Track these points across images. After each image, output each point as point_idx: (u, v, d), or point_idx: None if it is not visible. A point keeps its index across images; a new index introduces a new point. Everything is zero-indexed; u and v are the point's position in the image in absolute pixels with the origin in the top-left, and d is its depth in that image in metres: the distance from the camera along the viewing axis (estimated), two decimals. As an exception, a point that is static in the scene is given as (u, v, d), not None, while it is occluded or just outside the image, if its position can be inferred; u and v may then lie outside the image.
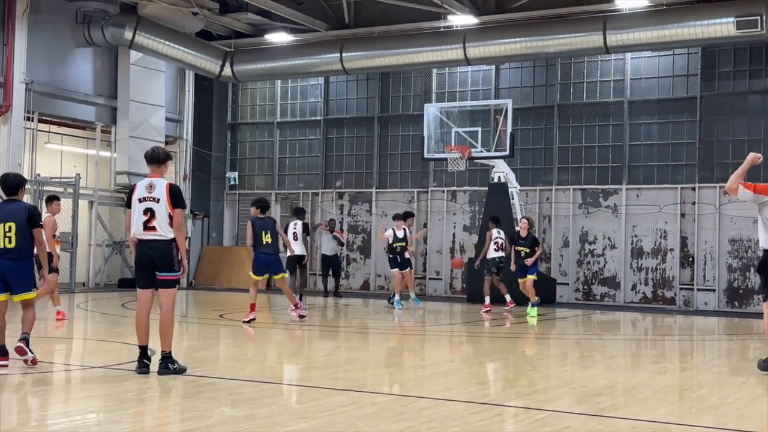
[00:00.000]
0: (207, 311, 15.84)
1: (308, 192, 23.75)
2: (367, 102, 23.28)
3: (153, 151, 7.74)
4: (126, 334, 11.42)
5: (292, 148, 24.27)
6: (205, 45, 22.21)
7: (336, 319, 15.48)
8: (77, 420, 5.84)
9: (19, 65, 19.08)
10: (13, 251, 7.71)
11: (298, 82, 24.03)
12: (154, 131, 22.19)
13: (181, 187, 23.57)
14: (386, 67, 21.24)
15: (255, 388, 7.00)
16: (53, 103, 20.29)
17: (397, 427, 5.47)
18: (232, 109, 25.11)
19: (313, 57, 21.67)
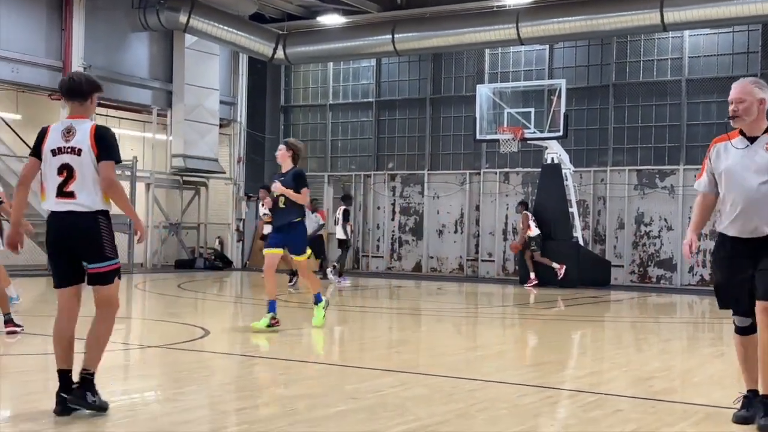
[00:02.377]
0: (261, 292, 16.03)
1: (360, 174, 23.83)
2: (419, 83, 23.21)
3: (71, 80, 5.33)
4: (182, 315, 11.64)
5: (345, 130, 24.34)
6: (258, 28, 22.36)
7: (387, 300, 15.54)
8: (135, 397, 5.98)
9: (77, 50, 19.46)
10: None
11: (350, 64, 24.06)
12: (209, 114, 22.46)
13: (236, 169, 23.96)
14: (438, 48, 21.14)
15: (306, 369, 7.08)
16: (110, 88, 20.63)
17: (446, 408, 5.50)
18: (285, 92, 25.26)
19: (365, 39, 21.68)
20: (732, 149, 5.19)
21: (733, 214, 5.11)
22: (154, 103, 21.77)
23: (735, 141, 5.16)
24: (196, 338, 8.72)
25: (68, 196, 5.17)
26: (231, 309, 13.55)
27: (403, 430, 4.85)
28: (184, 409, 5.44)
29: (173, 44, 21.98)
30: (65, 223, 5.20)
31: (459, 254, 22.42)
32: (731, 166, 5.15)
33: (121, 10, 20.75)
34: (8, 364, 7.11)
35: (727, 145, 5.23)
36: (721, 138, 5.32)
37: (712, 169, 5.30)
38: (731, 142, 5.20)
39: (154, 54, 21.76)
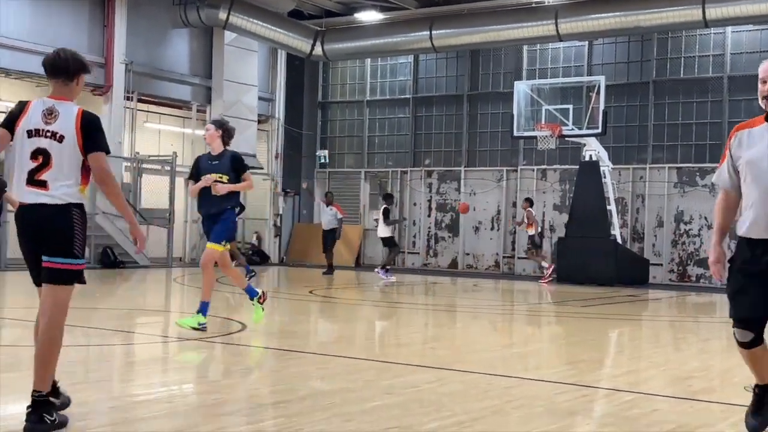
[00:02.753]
0: (298, 287, 16.14)
1: (397, 170, 23.83)
2: (456, 80, 23.14)
3: (57, 56, 4.71)
4: (219, 309, 11.74)
5: (382, 126, 24.36)
6: (296, 24, 22.46)
7: (423, 296, 15.53)
8: (174, 389, 6.05)
9: (119, 46, 19.71)
10: None
11: (388, 61, 24.06)
12: (247, 110, 22.62)
13: (273, 165, 24.09)
14: (476, 44, 21.06)
15: (343, 363, 7.11)
16: (151, 83, 20.90)
17: (481, 404, 5.49)
18: (323, 88, 25.33)
19: (403, 35, 21.66)
20: (758, 137, 4.44)
21: (757, 214, 4.38)
22: (193, 99, 21.97)
23: (762, 127, 4.45)
24: (234, 332, 8.80)
25: (39, 186, 4.55)
26: (267, 304, 13.63)
27: (438, 425, 4.85)
28: (221, 401, 5.50)
29: (213, 41, 22.16)
30: (35, 216, 4.57)
31: (495, 251, 22.33)
32: (756, 156, 4.39)
33: (162, 6, 20.97)
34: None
35: (751, 132, 4.48)
36: (745, 124, 4.57)
37: (733, 161, 4.54)
38: (757, 128, 4.48)
39: (194, 50, 21.96)
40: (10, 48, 17.84)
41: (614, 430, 4.97)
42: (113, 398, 5.57)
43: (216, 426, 4.72)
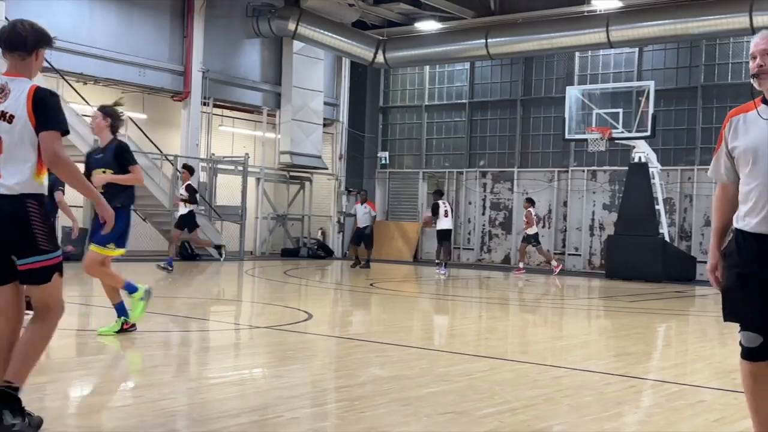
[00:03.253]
0: (359, 280, 16.21)
1: (453, 171, 23.76)
2: (510, 85, 22.97)
3: (13, 28, 4.04)
4: (287, 299, 11.88)
5: (439, 129, 24.31)
6: (359, 34, 22.56)
7: (477, 290, 15.47)
8: (245, 373, 6.15)
9: (197, 55, 20.07)
10: None
11: (445, 68, 24.00)
12: (314, 114, 22.81)
13: (337, 165, 24.26)
14: (530, 51, 20.86)
15: (401, 352, 7.13)
16: (226, 90, 21.22)
17: (532, 393, 5.45)
18: (384, 94, 25.39)
19: (460, 43, 21.59)
20: (755, 121, 3.71)
21: (757, 208, 3.65)
22: (264, 104, 22.24)
23: (760, 110, 3.69)
24: (300, 321, 8.89)
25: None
26: (331, 295, 13.74)
27: (491, 411, 4.83)
28: (288, 385, 5.56)
29: (282, 50, 22.40)
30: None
31: (546, 248, 22.08)
32: (754, 143, 3.67)
33: (237, 18, 21.28)
34: (133, 340, 7.41)
35: (747, 116, 3.75)
36: (738, 110, 3.84)
37: (728, 150, 3.82)
38: (752, 113, 3.73)
39: (265, 59, 22.22)
40: (99, 57, 18.30)
41: (660, 420, 4.89)
42: (190, 380, 5.68)
43: (284, 407, 4.79)
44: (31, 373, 3.98)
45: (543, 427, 4.59)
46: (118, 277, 7.29)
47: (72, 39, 17.74)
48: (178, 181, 15.77)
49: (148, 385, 5.33)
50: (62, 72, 17.21)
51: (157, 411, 4.58)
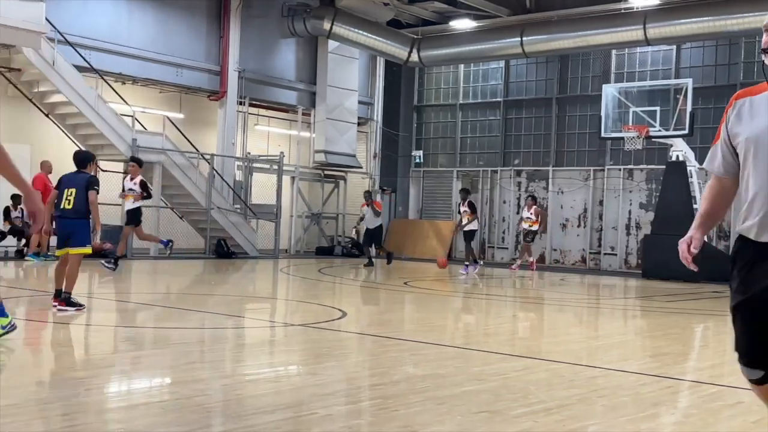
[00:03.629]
0: (393, 279, 16.22)
1: (487, 170, 23.66)
2: (545, 83, 22.80)
3: None
4: (322, 297, 11.92)
5: (473, 128, 24.22)
6: (394, 33, 22.56)
7: (511, 289, 15.39)
8: (280, 370, 6.18)
9: (233, 56, 20.23)
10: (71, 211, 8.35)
11: (480, 66, 23.90)
12: (348, 113, 22.86)
13: (372, 164, 24.30)
14: (565, 49, 20.69)
15: (435, 350, 7.11)
16: (261, 89, 21.36)
17: (567, 393, 5.41)
18: (418, 92, 25.36)
19: (495, 41, 21.49)
20: (761, 106, 3.13)
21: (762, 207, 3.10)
22: (299, 103, 22.34)
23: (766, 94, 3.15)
24: (334, 319, 8.91)
25: None
26: (365, 293, 13.77)
27: (525, 411, 4.80)
28: (323, 382, 5.58)
29: (317, 49, 22.48)
30: None
31: (582, 247, 21.92)
32: (761, 132, 3.10)
33: (272, 18, 21.40)
34: (170, 336, 7.49)
35: (753, 100, 3.17)
36: (745, 91, 3.25)
37: (730, 139, 3.25)
38: (760, 96, 3.17)
39: (300, 58, 22.32)
40: (137, 57, 18.52)
41: (697, 421, 4.83)
42: (226, 376, 5.73)
43: (318, 405, 4.80)
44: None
45: (578, 427, 4.55)
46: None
47: (111, 39, 17.98)
48: (127, 176, 14.52)
49: (184, 381, 5.38)
50: (101, 72, 17.45)
51: (193, 407, 4.62)
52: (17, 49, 15.65)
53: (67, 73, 16.36)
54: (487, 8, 21.30)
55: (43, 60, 15.93)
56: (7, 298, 9.75)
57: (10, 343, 6.88)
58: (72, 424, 4.19)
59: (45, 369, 5.94)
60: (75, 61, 16.72)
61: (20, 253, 15.81)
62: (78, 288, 8.79)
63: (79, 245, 8.37)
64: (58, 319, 8.19)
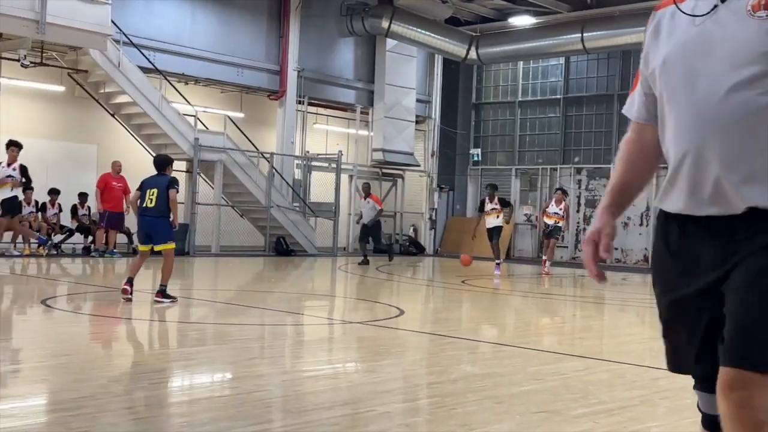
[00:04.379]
0: (451, 277, 16.17)
1: (546, 167, 23.40)
2: (607, 80, 22.44)
3: None
4: (380, 295, 11.96)
5: (532, 125, 23.97)
6: (452, 31, 22.48)
7: (571, 288, 15.19)
8: (338, 367, 6.22)
9: (293, 55, 20.41)
10: (153, 210, 8.83)
11: (539, 63, 23.64)
12: (406, 112, 22.86)
13: (429, 162, 24.28)
14: (628, 45, 20.30)
15: (493, 349, 7.07)
16: (320, 88, 21.51)
17: (629, 394, 5.31)
18: (477, 90, 25.21)
19: (555, 38, 21.23)
20: (681, 18, 2.18)
21: (678, 158, 2.17)
22: (357, 102, 22.43)
23: (688, 2, 2.17)
24: (392, 317, 8.93)
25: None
26: (423, 291, 13.76)
27: (585, 412, 4.73)
28: (380, 380, 5.59)
29: (375, 48, 22.54)
30: None
31: (644, 246, 21.50)
32: (676, 50, 2.18)
33: (331, 18, 21.53)
34: (230, 332, 7.60)
35: (675, 11, 2.22)
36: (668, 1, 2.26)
37: (649, 67, 2.33)
38: (682, 4, 2.19)
39: (359, 57, 22.41)
40: (199, 58, 18.84)
41: (765, 426, 4.68)
42: (285, 372, 5.79)
43: (376, 402, 4.82)
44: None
45: (639, 429, 4.46)
46: None
47: (174, 41, 18.33)
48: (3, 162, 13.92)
49: (245, 377, 5.46)
50: (164, 73, 17.79)
51: (253, 402, 4.68)
52: (84, 51, 16.07)
53: (132, 74, 16.73)
54: (547, 4, 21.05)
55: (109, 61, 16.32)
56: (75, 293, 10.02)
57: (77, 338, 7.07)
58: (136, 417, 4.29)
59: (110, 363, 6.08)
60: (139, 63, 17.10)
61: (87, 250, 16.23)
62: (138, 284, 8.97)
63: (164, 241, 8.93)
64: (123, 314, 8.39)
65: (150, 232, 8.95)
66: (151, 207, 8.86)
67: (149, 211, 8.89)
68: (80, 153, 17.45)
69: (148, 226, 8.96)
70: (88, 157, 16.88)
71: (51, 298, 9.19)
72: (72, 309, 8.91)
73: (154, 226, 8.92)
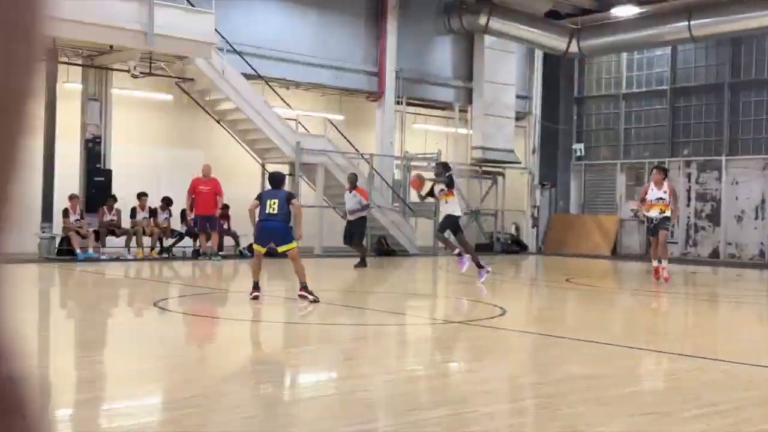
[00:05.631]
0: (555, 275, 15.91)
1: (654, 161, 22.66)
2: (716, 68, 21.57)
3: None
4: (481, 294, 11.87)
5: (638, 118, 23.30)
6: (552, 24, 22.11)
7: (683, 286, 14.67)
8: (441, 367, 6.21)
9: (391, 56, 20.54)
10: (276, 216, 9.46)
11: (644, 53, 22.95)
12: (505, 108, 22.64)
13: (530, 159, 23.98)
14: (737, 31, 19.47)
15: (598, 349, 6.91)
16: (418, 88, 21.56)
17: (744, 395, 5.09)
18: (579, 83, 24.70)
19: (660, 27, 20.56)
20: None
21: None
22: (456, 101, 22.36)
23: None
24: (495, 316, 8.85)
25: None
26: (526, 290, 13.59)
27: (697, 414, 4.57)
28: (483, 380, 5.56)
29: (473, 45, 22.41)
30: None
31: (760, 241, 20.55)
32: None
33: (429, 17, 21.56)
34: (333, 332, 7.71)
35: None
36: None
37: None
38: None
39: (456, 55, 22.34)
40: (300, 63, 19.21)
41: None
42: (388, 372, 5.83)
43: (479, 402, 4.79)
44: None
45: (754, 431, 4.28)
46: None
47: (275, 47, 18.75)
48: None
49: (347, 377, 5.53)
50: (266, 78, 18.23)
51: (356, 402, 4.74)
52: (189, 60, 16.64)
53: (235, 80, 17.21)
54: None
55: (214, 69, 16.84)
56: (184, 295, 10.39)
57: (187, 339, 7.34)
58: (245, 416, 4.41)
59: (218, 363, 6.28)
60: (242, 69, 17.58)
61: (196, 253, 16.80)
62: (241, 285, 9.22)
63: (287, 243, 9.57)
64: (229, 315, 8.65)
65: (273, 236, 9.60)
66: (274, 213, 9.52)
67: (272, 217, 9.53)
68: (187, 159, 18.07)
69: (272, 230, 9.58)
70: (194, 162, 17.46)
71: (162, 300, 9.57)
72: (182, 310, 9.25)
73: (276, 230, 9.58)
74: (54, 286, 12.21)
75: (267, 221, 9.57)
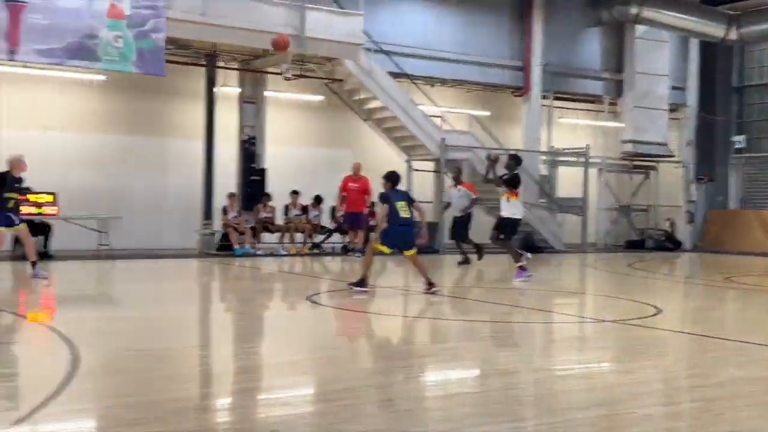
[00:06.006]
0: (713, 274, 15.13)
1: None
2: None
3: None
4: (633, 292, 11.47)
5: (806, 107, 21.75)
6: (708, 11, 21.03)
7: None
8: (592, 367, 6.06)
9: (537, 50, 20.22)
10: (410, 220, 9.63)
11: (812, 38, 21.39)
12: (659, 100, 21.78)
13: (685, 152, 22.91)
14: None
15: (764, 352, 6.51)
16: (565, 81, 21.08)
17: None
18: (739, 72, 23.36)
19: (829, 9, 19.12)
20: None
21: None
22: (605, 93, 21.71)
23: None
24: (648, 316, 8.52)
25: None
26: (681, 289, 13.00)
27: None
28: (638, 381, 5.37)
29: (623, 36, 21.67)
30: None
31: None
32: None
33: (576, 9, 21.04)
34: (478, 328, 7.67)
35: None
36: None
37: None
38: None
39: (605, 47, 21.69)
40: (445, 60, 19.24)
41: None
42: (537, 371, 5.74)
43: (635, 404, 4.63)
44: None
45: None
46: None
47: (422, 45, 18.88)
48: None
49: (496, 374, 5.49)
50: (412, 76, 18.38)
51: (506, 399, 4.70)
52: (338, 61, 17.03)
53: (382, 80, 17.47)
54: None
55: (362, 69, 17.16)
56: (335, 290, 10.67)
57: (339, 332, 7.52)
58: (395, 410, 4.47)
59: (368, 357, 6.40)
60: (389, 68, 17.81)
61: (345, 249, 17.19)
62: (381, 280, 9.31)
63: (413, 247, 9.88)
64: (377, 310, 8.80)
65: (407, 240, 9.81)
66: (409, 218, 9.75)
67: (408, 221, 9.74)
68: (336, 158, 18.51)
69: (409, 235, 9.80)
70: (344, 161, 17.85)
71: (315, 295, 9.86)
72: (333, 305, 9.50)
73: (410, 235, 9.82)
74: (214, 280, 12.84)
75: (404, 225, 9.74)
